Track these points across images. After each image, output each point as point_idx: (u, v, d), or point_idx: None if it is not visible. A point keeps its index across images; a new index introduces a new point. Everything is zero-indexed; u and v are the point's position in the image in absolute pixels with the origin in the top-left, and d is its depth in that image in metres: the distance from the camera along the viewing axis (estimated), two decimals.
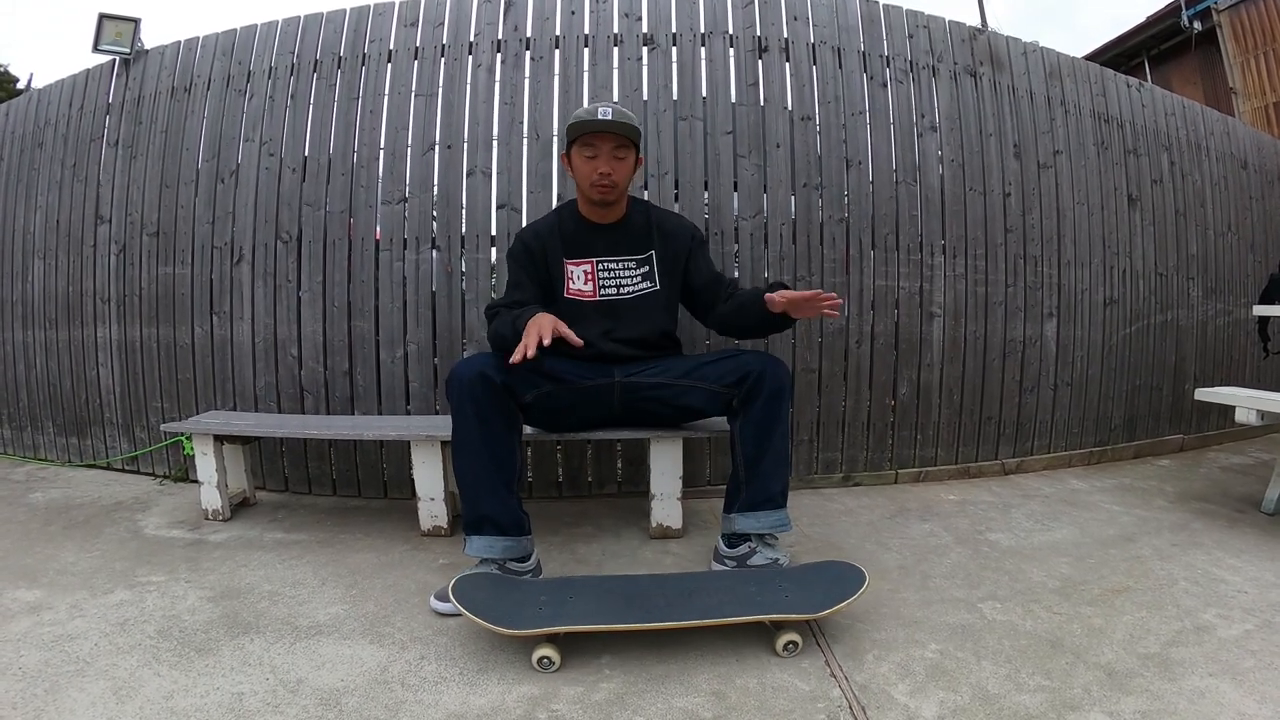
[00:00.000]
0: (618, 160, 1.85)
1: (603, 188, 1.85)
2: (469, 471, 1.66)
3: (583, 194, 1.93)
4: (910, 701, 1.24)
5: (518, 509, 1.70)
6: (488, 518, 1.65)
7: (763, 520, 1.76)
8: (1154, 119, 3.26)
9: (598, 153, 1.83)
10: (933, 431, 2.75)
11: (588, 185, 1.86)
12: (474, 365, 1.66)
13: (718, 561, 1.83)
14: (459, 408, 1.65)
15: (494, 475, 1.65)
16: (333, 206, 2.58)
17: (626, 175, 1.89)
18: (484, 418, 1.64)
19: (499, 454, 1.66)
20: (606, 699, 1.26)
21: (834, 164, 2.63)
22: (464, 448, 1.66)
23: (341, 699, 1.25)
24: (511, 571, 1.68)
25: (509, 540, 1.67)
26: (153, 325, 2.77)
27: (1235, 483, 2.78)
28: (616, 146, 1.83)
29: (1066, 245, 2.94)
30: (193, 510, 2.34)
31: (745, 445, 1.77)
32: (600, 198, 1.87)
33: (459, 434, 1.66)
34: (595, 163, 1.83)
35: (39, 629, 1.51)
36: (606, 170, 1.83)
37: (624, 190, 1.93)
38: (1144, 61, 7.71)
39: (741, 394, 1.76)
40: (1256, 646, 1.43)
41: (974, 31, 2.86)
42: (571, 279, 1.93)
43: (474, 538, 1.66)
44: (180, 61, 2.79)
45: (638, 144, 1.88)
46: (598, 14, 2.57)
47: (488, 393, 1.63)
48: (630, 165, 1.89)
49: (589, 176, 1.84)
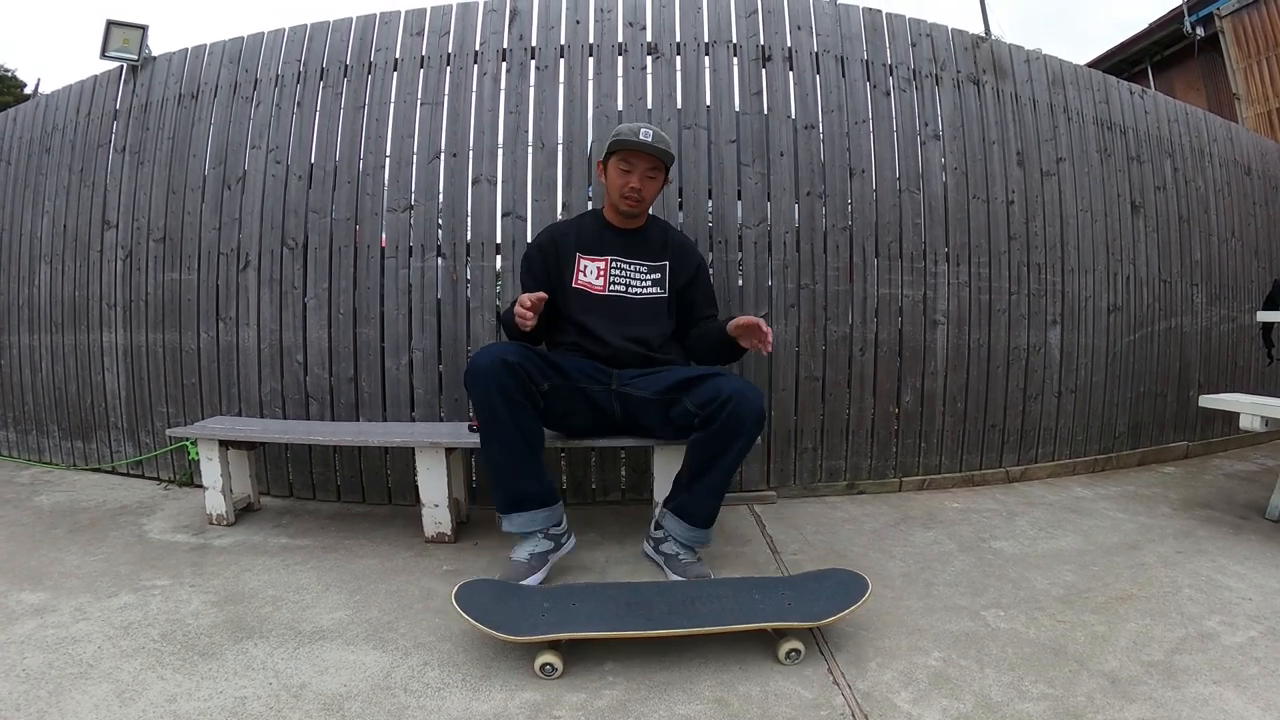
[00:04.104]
0: (649, 179, 2.01)
1: (631, 200, 2.01)
2: (502, 453, 1.74)
3: (611, 202, 2.07)
4: (913, 709, 1.24)
5: (549, 478, 1.82)
6: (526, 494, 1.76)
7: (684, 533, 1.85)
8: (1157, 125, 3.26)
9: (633, 169, 1.99)
10: (936, 439, 2.75)
11: (618, 195, 2.02)
12: (491, 353, 1.73)
13: (645, 542, 1.99)
14: (484, 396, 1.71)
15: (527, 452, 1.76)
16: (339, 214, 2.59)
17: (654, 193, 2.06)
18: (510, 399, 1.71)
19: (529, 430, 1.76)
20: (609, 706, 1.26)
21: (837, 172, 2.63)
22: (494, 431, 1.73)
23: (344, 704, 1.26)
24: (552, 537, 1.82)
25: (547, 510, 1.80)
26: (158, 330, 2.78)
27: (1240, 489, 2.77)
28: (651, 167, 2.00)
29: (1070, 252, 2.94)
30: (197, 515, 2.34)
31: (694, 458, 1.82)
32: (628, 209, 2.03)
33: (487, 420, 1.74)
34: (629, 177, 1.99)
35: (43, 631, 1.51)
36: (638, 186, 2.00)
37: (648, 206, 2.09)
38: (1147, 68, 7.71)
39: (707, 414, 1.77)
40: (1261, 654, 1.42)
41: (976, 40, 2.88)
42: (582, 271, 2.04)
43: (513, 515, 1.78)
44: (187, 68, 2.82)
45: (669, 167, 2.05)
46: (602, 23, 2.59)
47: (510, 375, 1.71)
48: (659, 185, 2.06)
49: (621, 188, 2.01)
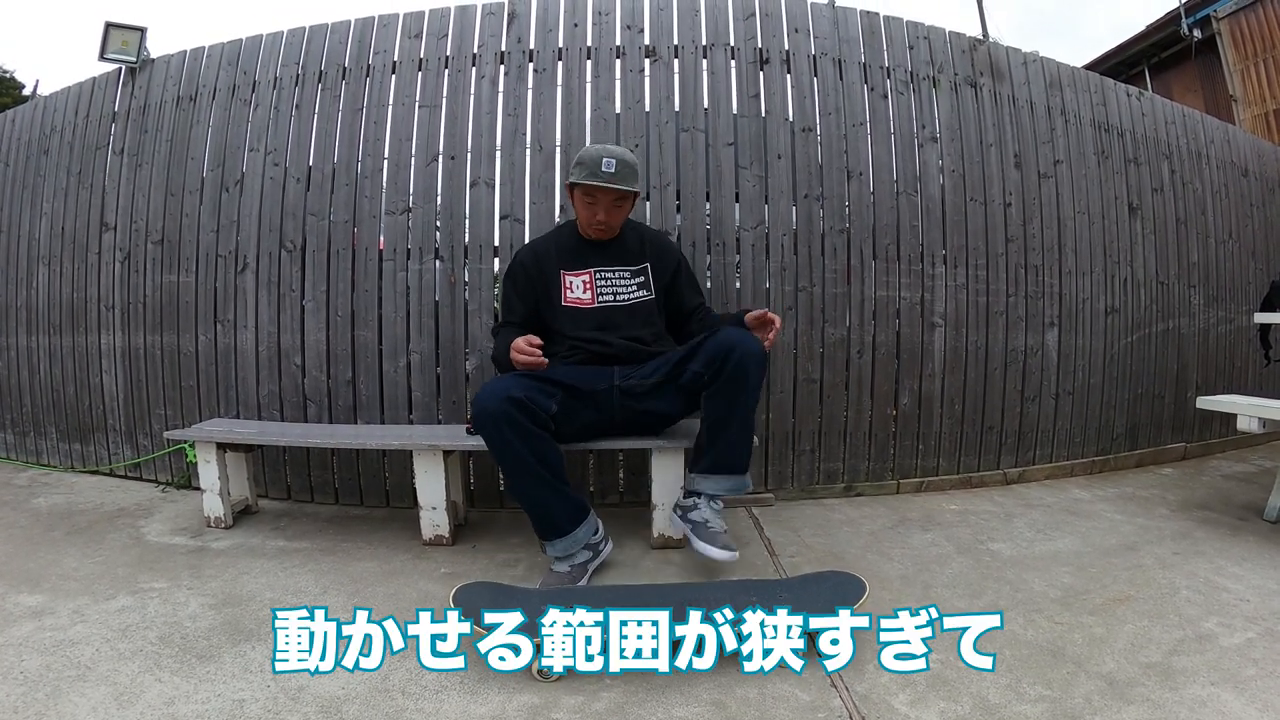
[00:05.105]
0: (616, 208, 2.02)
1: (600, 229, 2.03)
2: (532, 490, 1.75)
3: (581, 227, 2.09)
4: (911, 711, 1.24)
5: (577, 496, 1.84)
6: (562, 519, 1.78)
7: (723, 485, 1.84)
8: (1154, 127, 3.27)
9: (597, 202, 1.99)
10: (934, 441, 2.75)
11: (585, 224, 2.05)
12: (495, 394, 1.73)
13: (674, 511, 1.94)
14: (498, 435, 1.72)
15: (551, 479, 1.76)
16: (337, 216, 2.60)
17: (623, 217, 2.07)
18: (524, 433, 1.72)
19: (549, 457, 1.76)
20: (607, 708, 1.26)
21: (835, 175, 2.64)
22: (518, 470, 1.74)
23: (342, 707, 1.26)
24: (590, 546, 1.83)
25: (584, 527, 1.82)
26: (157, 333, 2.78)
27: (1237, 491, 2.77)
28: (616, 199, 2.00)
29: (1067, 254, 2.94)
30: (195, 517, 2.34)
31: (713, 409, 1.82)
32: (597, 237, 2.07)
33: (507, 460, 1.75)
34: (594, 209, 2.00)
35: (41, 634, 1.51)
36: (603, 220, 2.01)
37: (619, 226, 2.09)
38: (1144, 70, 7.72)
39: (715, 368, 1.79)
40: (1258, 655, 1.42)
41: (974, 42, 2.88)
42: (570, 288, 2.05)
43: (555, 541, 1.79)
44: (186, 71, 2.82)
45: (637, 190, 2.05)
46: (600, 26, 2.59)
47: (519, 409, 1.72)
48: (627, 209, 2.07)
49: (589, 221, 2.03)
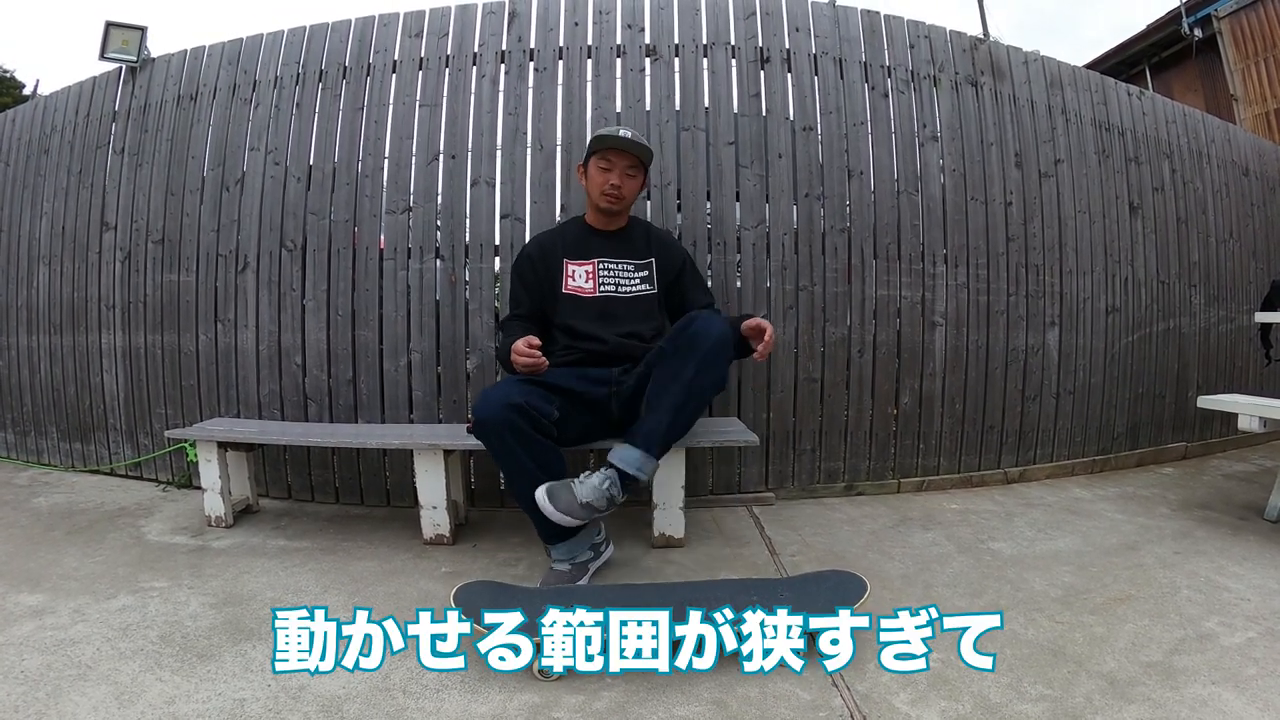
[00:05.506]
0: (629, 177, 2.07)
1: (611, 197, 2.06)
2: (532, 495, 1.69)
3: (592, 203, 2.13)
4: (912, 711, 1.24)
5: None
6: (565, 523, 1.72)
7: (622, 454, 1.70)
8: (1155, 127, 3.27)
9: (612, 167, 2.05)
10: (935, 441, 2.75)
11: (598, 193, 2.08)
12: (494, 402, 1.71)
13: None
14: (499, 442, 1.71)
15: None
16: (337, 215, 2.60)
17: (634, 192, 2.12)
18: (526, 440, 1.72)
19: (551, 463, 1.75)
20: (608, 707, 1.26)
21: (836, 174, 2.64)
22: (519, 476, 1.73)
23: (343, 706, 1.26)
24: (593, 547, 1.85)
25: (587, 528, 1.81)
26: (157, 332, 2.78)
27: (1238, 490, 2.77)
28: (630, 165, 2.06)
29: (1068, 254, 2.94)
30: (196, 517, 2.34)
31: (657, 376, 1.77)
32: (608, 206, 2.08)
33: (509, 466, 1.75)
34: (609, 174, 2.05)
35: (41, 633, 1.51)
36: (617, 183, 2.05)
37: (629, 205, 2.15)
38: (1145, 69, 7.72)
39: (672, 343, 1.78)
40: (1259, 654, 1.42)
41: (975, 41, 2.88)
42: (571, 276, 2.09)
43: (559, 545, 1.79)
44: (186, 70, 2.82)
45: (648, 167, 2.14)
46: (601, 25, 2.59)
47: (521, 416, 1.70)
48: (638, 184, 2.13)
49: (601, 185, 2.06)
